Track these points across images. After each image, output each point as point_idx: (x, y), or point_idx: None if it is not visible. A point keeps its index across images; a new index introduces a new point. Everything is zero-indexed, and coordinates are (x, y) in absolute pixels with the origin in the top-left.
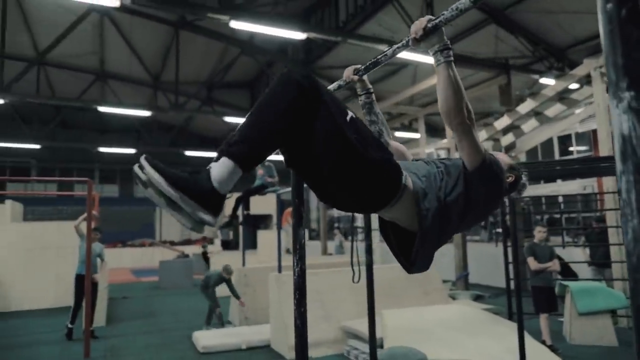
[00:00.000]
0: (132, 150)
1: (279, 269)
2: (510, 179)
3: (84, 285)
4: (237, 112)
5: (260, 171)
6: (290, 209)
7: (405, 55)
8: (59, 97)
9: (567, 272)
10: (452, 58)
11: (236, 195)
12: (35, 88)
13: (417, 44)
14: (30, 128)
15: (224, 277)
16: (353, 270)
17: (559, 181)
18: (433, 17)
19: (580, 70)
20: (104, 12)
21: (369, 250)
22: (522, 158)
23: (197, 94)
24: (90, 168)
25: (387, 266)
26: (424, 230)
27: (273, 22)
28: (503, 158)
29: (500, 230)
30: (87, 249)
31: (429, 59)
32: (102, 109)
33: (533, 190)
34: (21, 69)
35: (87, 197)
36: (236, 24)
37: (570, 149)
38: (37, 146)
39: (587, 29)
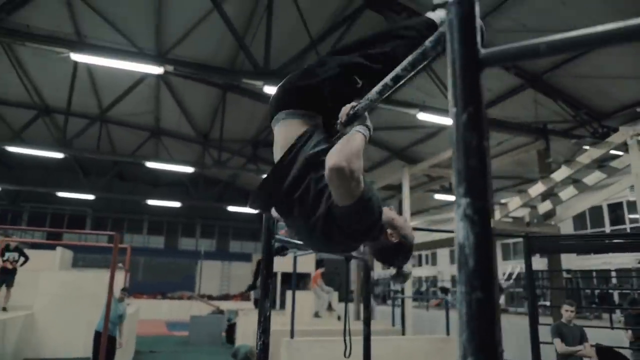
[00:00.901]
0: (178, 204)
1: (292, 334)
2: (393, 239)
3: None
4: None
5: (282, 232)
6: (320, 270)
7: (442, 120)
8: (115, 152)
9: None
10: (368, 135)
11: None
12: (97, 142)
13: (343, 127)
14: (89, 179)
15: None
16: (345, 343)
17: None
18: (356, 104)
19: (616, 138)
20: (159, 76)
21: (366, 321)
22: (565, 226)
23: (242, 151)
24: (140, 219)
25: (411, 337)
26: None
27: None
28: (395, 218)
29: (547, 303)
30: (107, 304)
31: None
32: (150, 164)
33: (581, 261)
34: (84, 124)
35: (113, 249)
36: (269, 89)
37: (624, 217)
38: (93, 197)
39: (631, 94)
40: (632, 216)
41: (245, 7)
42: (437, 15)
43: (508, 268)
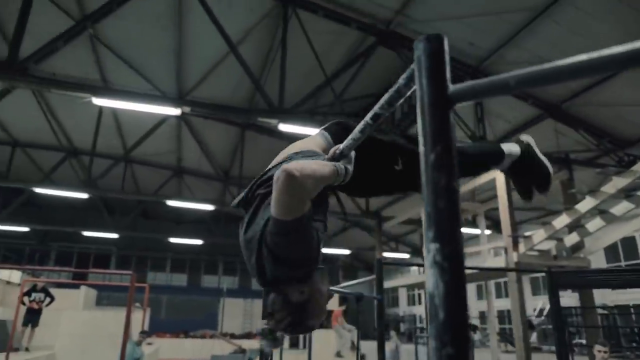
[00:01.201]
0: (200, 242)
1: None
2: (302, 295)
3: None
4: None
5: None
6: (342, 308)
7: None
8: (139, 192)
9: None
10: (342, 173)
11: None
12: (121, 182)
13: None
14: (113, 218)
15: None
16: None
17: None
18: (341, 146)
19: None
20: (180, 117)
21: None
22: (597, 259)
23: None
24: (163, 257)
25: None
26: None
27: (323, 124)
28: (318, 282)
29: (584, 342)
30: (123, 346)
31: None
32: (171, 203)
33: (617, 296)
34: (108, 165)
35: (130, 289)
36: (284, 127)
37: None
38: (117, 235)
39: None
40: None
41: (261, 48)
42: (509, 147)
43: (539, 304)
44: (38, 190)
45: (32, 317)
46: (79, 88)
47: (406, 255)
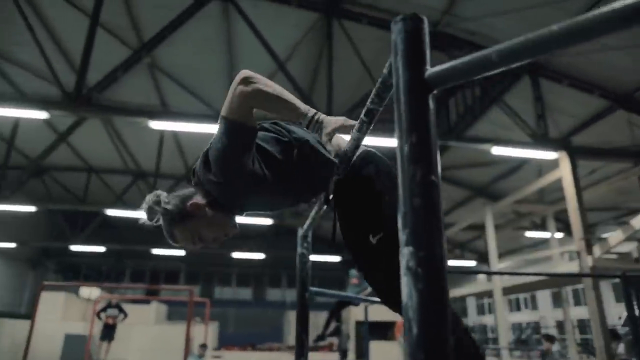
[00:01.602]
0: (262, 255)
1: None
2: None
3: None
4: None
5: (354, 280)
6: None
7: (520, 153)
8: None
9: None
10: (316, 127)
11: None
12: None
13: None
14: None
15: None
16: None
17: None
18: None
19: None
20: None
21: None
22: None
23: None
24: (228, 272)
25: None
26: None
27: (374, 132)
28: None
29: None
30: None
31: (544, 154)
32: None
33: None
34: (171, 184)
35: (189, 304)
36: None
37: None
38: (184, 252)
39: None
40: None
41: (309, 62)
42: None
43: (624, 311)
44: (110, 212)
45: (108, 332)
46: (137, 113)
47: (472, 263)
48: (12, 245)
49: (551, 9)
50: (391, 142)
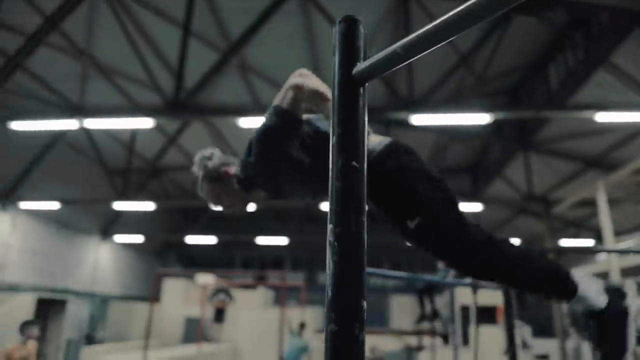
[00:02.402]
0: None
1: None
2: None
3: None
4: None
5: (440, 265)
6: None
7: (633, 117)
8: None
9: None
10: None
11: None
12: None
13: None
14: (283, 224)
15: None
16: None
17: None
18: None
19: None
20: None
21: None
22: None
23: None
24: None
25: None
26: None
27: (461, 108)
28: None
29: None
30: (280, 341)
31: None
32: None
33: None
34: None
35: (281, 289)
36: (417, 119)
37: None
38: (287, 241)
39: None
40: None
41: (387, 44)
42: (590, 289)
43: None
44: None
45: (219, 315)
46: (229, 112)
47: (590, 242)
48: (141, 238)
49: None
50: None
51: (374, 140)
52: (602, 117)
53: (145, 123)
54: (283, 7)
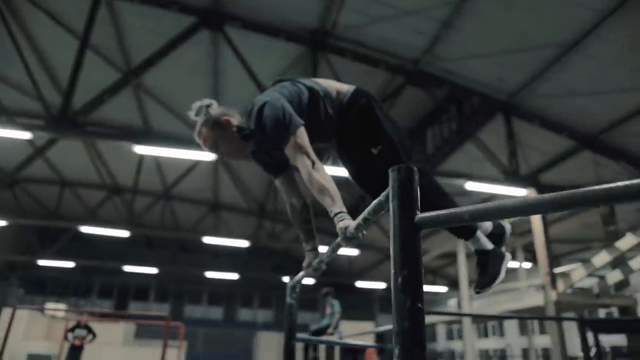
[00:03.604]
0: (235, 276)
1: None
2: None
3: None
4: (334, 239)
5: (328, 310)
6: (373, 349)
7: (492, 188)
8: (179, 227)
9: None
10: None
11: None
12: (160, 218)
13: (349, 242)
14: (153, 253)
15: None
16: None
17: None
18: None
19: None
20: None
21: None
22: None
23: None
24: (199, 290)
25: None
26: None
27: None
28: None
29: None
30: None
31: (514, 190)
32: (206, 239)
33: None
34: (149, 202)
35: (164, 331)
36: None
37: None
38: (156, 270)
39: None
40: None
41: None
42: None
43: None
44: (83, 229)
45: (74, 353)
46: (122, 137)
47: (444, 288)
48: None
49: (524, 54)
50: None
51: (342, 87)
52: (471, 185)
53: (19, 135)
54: (194, 37)
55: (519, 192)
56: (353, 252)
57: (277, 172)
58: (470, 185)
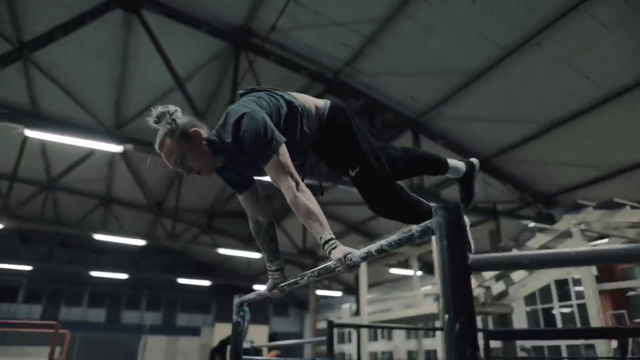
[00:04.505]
0: (124, 276)
1: None
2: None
3: None
4: (235, 241)
5: None
6: (276, 352)
7: None
8: (61, 222)
9: None
10: (328, 249)
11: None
12: (40, 210)
13: (348, 269)
14: (27, 248)
15: None
16: None
17: None
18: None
19: (561, 225)
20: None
21: None
22: (518, 305)
23: (198, 222)
24: (79, 290)
25: None
26: None
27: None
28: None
29: None
30: None
31: None
32: (97, 236)
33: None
34: (30, 191)
35: (53, 341)
36: None
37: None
38: (29, 267)
39: (569, 178)
40: (577, 289)
41: (207, 87)
42: (455, 163)
43: None
44: None
45: None
46: (10, 118)
47: (339, 293)
48: None
49: (436, 78)
50: None
51: (319, 102)
52: None
53: None
54: (106, 17)
55: None
56: (254, 255)
57: (241, 188)
58: None
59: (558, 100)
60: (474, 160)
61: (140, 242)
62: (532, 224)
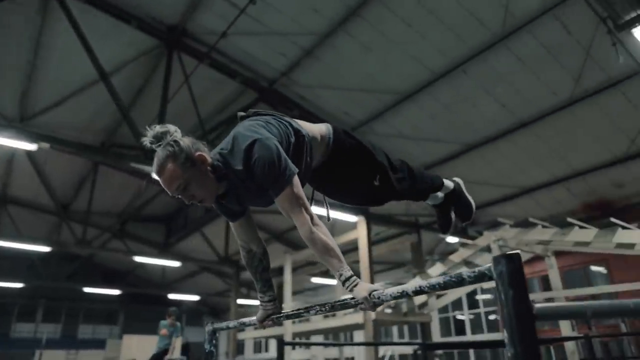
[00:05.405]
0: (19, 285)
1: None
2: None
3: None
4: (150, 247)
5: (164, 331)
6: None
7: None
8: None
9: None
10: (349, 287)
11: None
12: None
13: (373, 308)
14: None
15: None
16: None
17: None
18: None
19: (481, 241)
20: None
21: None
22: (435, 314)
23: (111, 227)
24: None
25: None
26: None
27: None
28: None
29: None
30: None
31: (348, 217)
32: None
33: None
34: None
35: None
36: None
37: (477, 297)
38: None
39: (483, 195)
40: (483, 297)
41: (133, 84)
42: (447, 181)
43: (387, 352)
44: None
45: None
46: None
47: (257, 302)
48: None
49: (368, 95)
50: None
51: (321, 129)
52: None
53: None
54: None
55: (352, 219)
56: (174, 263)
57: (236, 215)
58: None
59: (478, 124)
60: (459, 180)
61: (43, 249)
62: (456, 240)
